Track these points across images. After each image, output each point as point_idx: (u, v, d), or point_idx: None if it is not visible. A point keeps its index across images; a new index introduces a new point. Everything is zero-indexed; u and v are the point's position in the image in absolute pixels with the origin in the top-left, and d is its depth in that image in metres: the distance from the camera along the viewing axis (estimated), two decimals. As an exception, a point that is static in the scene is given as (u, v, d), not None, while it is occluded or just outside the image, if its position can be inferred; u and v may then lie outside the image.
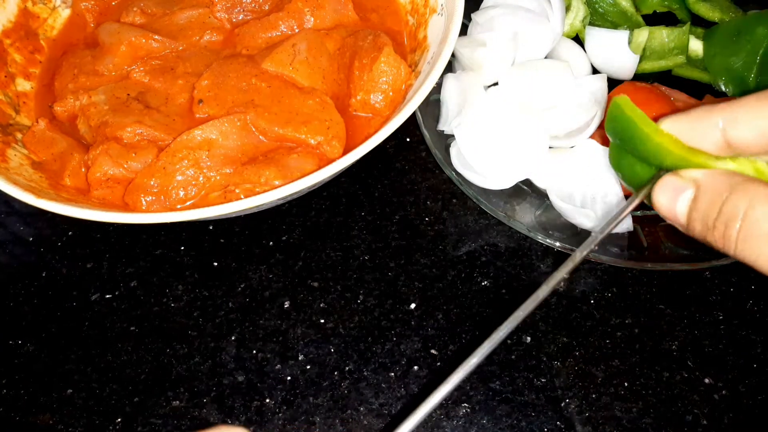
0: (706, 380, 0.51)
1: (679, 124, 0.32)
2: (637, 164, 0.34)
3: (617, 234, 0.56)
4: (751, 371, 0.52)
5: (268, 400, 0.51)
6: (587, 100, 0.58)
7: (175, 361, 0.53)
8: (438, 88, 0.62)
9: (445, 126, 0.60)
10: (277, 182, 0.51)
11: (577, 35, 0.68)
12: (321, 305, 0.55)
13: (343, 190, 0.61)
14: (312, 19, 0.61)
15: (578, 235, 0.55)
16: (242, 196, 0.51)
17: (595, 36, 0.65)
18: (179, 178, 0.52)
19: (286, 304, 0.55)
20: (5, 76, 0.60)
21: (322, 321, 0.55)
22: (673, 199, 0.32)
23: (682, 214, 0.32)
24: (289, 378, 0.52)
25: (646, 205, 0.35)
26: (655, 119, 0.33)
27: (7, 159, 0.53)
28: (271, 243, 0.59)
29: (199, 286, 0.57)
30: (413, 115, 0.60)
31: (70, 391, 0.52)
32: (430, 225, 0.59)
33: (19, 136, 0.57)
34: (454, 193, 0.61)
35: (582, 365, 0.52)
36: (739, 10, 0.67)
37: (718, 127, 0.31)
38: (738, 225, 0.29)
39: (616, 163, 0.36)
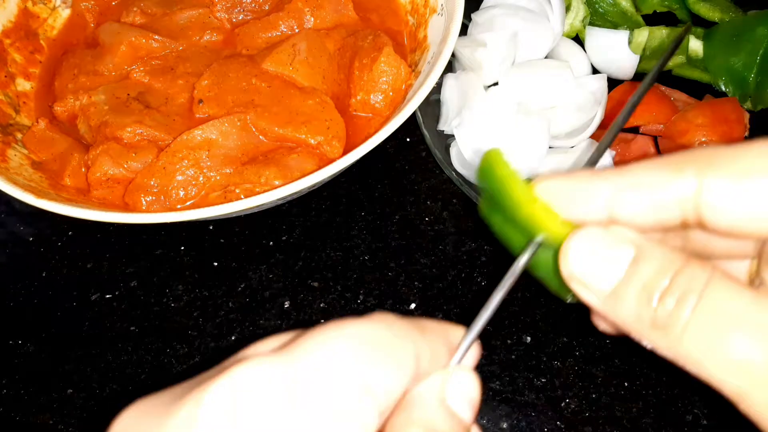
0: (706, 380, 0.51)
1: (559, 188, 0.26)
2: (509, 226, 0.29)
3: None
4: (751, 371, 0.52)
5: (268, 400, 0.51)
6: (587, 100, 0.58)
7: (175, 361, 0.53)
8: (438, 88, 0.62)
9: (445, 126, 0.60)
10: (277, 182, 0.51)
11: (577, 35, 0.68)
12: (321, 305, 0.55)
13: (343, 190, 0.61)
14: (312, 19, 0.61)
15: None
16: (242, 196, 0.51)
17: (595, 36, 0.65)
18: (179, 178, 0.52)
19: (286, 304, 0.55)
20: (5, 76, 0.60)
21: (323, 321, 0.54)
22: (597, 259, 0.24)
23: (610, 278, 0.24)
24: (289, 378, 0.52)
25: None
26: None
27: (7, 159, 0.53)
28: (271, 243, 0.59)
29: (199, 286, 0.57)
30: (413, 115, 0.59)
31: (70, 391, 0.52)
32: (430, 225, 0.59)
33: (19, 136, 0.57)
34: (454, 193, 0.61)
35: (582, 365, 0.52)
36: (739, 10, 0.67)
37: (603, 196, 0.25)
38: (694, 301, 0.22)
39: (488, 215, 0.31)
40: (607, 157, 0.56)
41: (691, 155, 0.24)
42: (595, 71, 0.65)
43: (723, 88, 0.64)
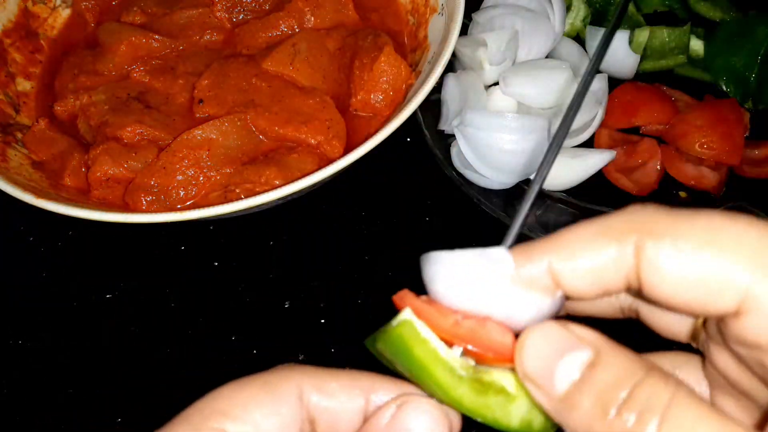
0: (707, 380, 0.51)
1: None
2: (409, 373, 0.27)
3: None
4: (752, 371, 0.51)
5: (268, 400, 0.51)
6: (587, 100, 0.58)
7: (175, 361, 0.53)
8: (438, 87, 0.62)
9: (445, 126, 0.60)
10: (277, 182, 0.51)
11: (577, 35, 0.68)
12: (321, 305, 0.55)
13: (343, 190, 0.61)
14: (312, 18, 0.61)
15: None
16: (242, 196, 0.51)
17: (596, 35, 0.65)
18: (179, 177, 0.52)
19: (287, 304, 0.55)
20: (5, 76, 0.60)
21: (323, 321, 0.54)
22: (554, 357, 0.22)
23: (563, 381, 0.22)
24: (289, 378, 0.52)
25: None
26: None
27: (7, 159, 0.53)
28: (271, 243, 0.59)
29: (200, 285, 0.57)
30: (413, 115, 0.59)
31: (70, 391, 0.52)
32: (430, 225, 0.59)
33: (19, 135, 0.57)
34: (454, 192, 0.61)
35: (582, 365, 0.52)
36: (739, 10, 0.67)
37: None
38: (657, 420, 0.20)
39: (379, 352, 0.28)
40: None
41: (630, 222, 0.23)
42: (595, 71, 0.65)
43: (724, 88, 0.64)
